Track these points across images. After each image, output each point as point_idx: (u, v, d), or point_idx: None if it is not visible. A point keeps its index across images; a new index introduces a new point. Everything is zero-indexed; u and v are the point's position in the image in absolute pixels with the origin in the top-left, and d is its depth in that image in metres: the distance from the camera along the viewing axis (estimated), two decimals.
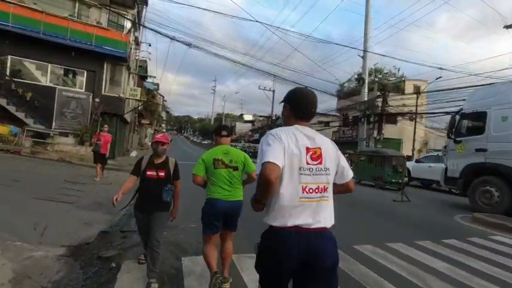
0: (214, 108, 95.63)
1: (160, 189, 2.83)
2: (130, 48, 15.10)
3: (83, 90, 13.67)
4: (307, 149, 1.46)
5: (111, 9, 13.83)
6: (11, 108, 11.58)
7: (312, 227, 1.41)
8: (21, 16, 11.64)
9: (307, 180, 1.43)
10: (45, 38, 12.02)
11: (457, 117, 8.76)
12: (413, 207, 8.28)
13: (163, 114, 66.27)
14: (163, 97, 57.57)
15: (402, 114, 25.78)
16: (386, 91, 26.09)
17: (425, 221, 6.63)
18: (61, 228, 4.13)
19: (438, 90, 21.33)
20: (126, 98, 14.88)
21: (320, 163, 1.47)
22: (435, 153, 16.42)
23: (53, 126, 12.93)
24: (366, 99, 27.12)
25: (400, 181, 11.80)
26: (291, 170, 1.41)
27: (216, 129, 2.92)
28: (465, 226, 6.32)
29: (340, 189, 1.63)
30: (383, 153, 12.48)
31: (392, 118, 27.33)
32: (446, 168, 8.94)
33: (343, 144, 32.31)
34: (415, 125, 26.64)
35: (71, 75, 13.77)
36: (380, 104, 26.14)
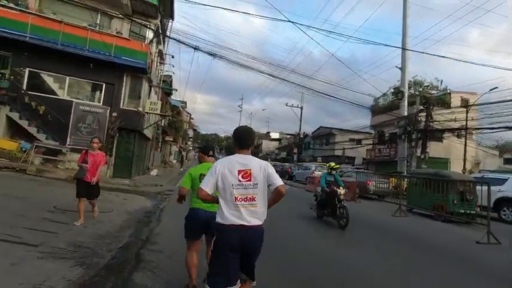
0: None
1: None
2: (152, 60, 14.25)
3: (101, 104, 12.82)
4: (239, 171, 2.13)
5: (134, 19, 13.12)
6: (23, 123, 10.85)
7: (244, 224, 2.07)
8: (39, 27, 11.11)
9: (239, 192, 2.10)
10: (63, 49, 11.36)
11: None
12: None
13: (190, 132, 66.70)
14: (190, 115, 58.03)
15: (451, 131, 22.78)
16: (431, 105, 23.38)
17: None
18: None
19: (497, 102, 18.34)
20: (146, 112, 13.86)
21: (249, 180, 2.13)
22: (479, 174, 13.70)
23: (67, 142, 12.06)
24: (405, 114, 24.48)
25: (471, 212, 9.35)
26: (224, 186, 2.12)
27: (203, 149, 3.28)
28: None
29: (275, 197, 2.24)
30: (445, 176, 10.10)
31: (437, 135, 24.37)
32: None
33: (379, 164, 29.48)
34: (466, 142, 23.47)
35: (89, 88, 13.02)
36: (423, 119, 23.41)
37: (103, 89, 12.87)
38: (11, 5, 11.02)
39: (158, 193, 10.76)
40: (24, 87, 11.66)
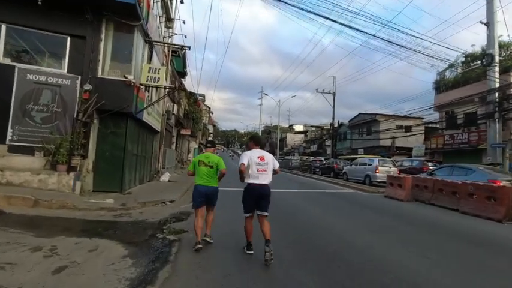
0: (258, 121, 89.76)
1: None
2: (148, 3, 8.92)
3: (65, 71, 7.70)
4: (258, 157, 3.99)
5: None
6: None
7: (261, 183, 3.95)
8: None
9: (258, 167, 3.95)
10: None
11: None
12: None
13: (210, 128, 62.01)
14: (209, 108, 53.11)
15: None
16: None
17: None
18: None
19: None
20: (141, 85, 8.61)
21: (263, 160, 3.99)
22: None
23: (7, 137, 7.05)
24: (497, 84, 17.86)
25: None
26: (251, 164, 3.93)
27: (205, 144, 5.18)
28: None
29: (274, 173, 4.14)
30: None
31: None
32: None
33: (451, 154, 22.70)
34: None
35: (44, 45, 7.89)
36: None
37: (67, 46, 7.72)
38: None
39: (163, 226, 5.48)
40: None
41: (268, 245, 3.68)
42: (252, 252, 4.01)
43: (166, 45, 11.25)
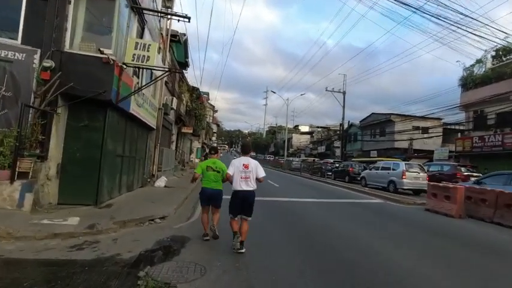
0: (263, 122, 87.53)
1: None
2: None
3: (18, 42, 5.69)
4: (243, 164, 4.37)
5: None
6: None
7: (245, 189, 4.32)
8: None
9: (242, 174, 4.34)
10: None
11: None
12: None
13: (214, 127, 59.98)
14: (213, 107, 51.08)
15: None
16: None
17: None
18: None
19: None
20: (125, 65, 6.55)
21: (247, 168, 4.36)
22: None
23: None
24: None
25: None
26: (237, 171, 4.36)
27: (210, 150, 5.64)
28: None
29: (258, 181, 4.47)
30: None
31: None
32: None
33: (481, 157, 20.24)
34: None
35: None
36: None
37: (22, 8, 5.72)
38: None
39: (139, 271, 3.43)
40: None
41: (238, 237, 4.28)
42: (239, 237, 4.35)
43: (160, 15, 9.15)
